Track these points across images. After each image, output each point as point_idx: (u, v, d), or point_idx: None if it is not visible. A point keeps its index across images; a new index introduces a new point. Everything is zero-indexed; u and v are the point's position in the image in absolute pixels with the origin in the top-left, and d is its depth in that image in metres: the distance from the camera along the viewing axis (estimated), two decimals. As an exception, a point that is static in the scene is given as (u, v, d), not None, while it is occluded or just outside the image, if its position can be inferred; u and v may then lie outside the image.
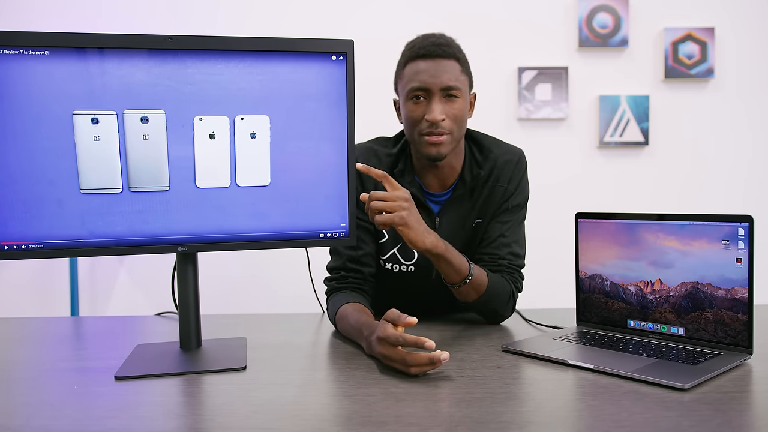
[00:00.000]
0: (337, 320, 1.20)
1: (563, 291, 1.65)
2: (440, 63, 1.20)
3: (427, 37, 1.24)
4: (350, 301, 1.20)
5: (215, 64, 1.00)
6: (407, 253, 1.32)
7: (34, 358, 1.07)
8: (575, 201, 2.79)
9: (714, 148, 2.85)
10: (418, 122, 1.22)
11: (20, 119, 0.94)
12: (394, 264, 1.33)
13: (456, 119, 1.21)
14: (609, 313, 1.16)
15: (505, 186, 1.32)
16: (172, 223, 1.02)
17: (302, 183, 1.07)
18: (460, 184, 1.31)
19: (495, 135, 1.39)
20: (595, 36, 2.77)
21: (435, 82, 1.19)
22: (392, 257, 1.32)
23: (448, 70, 1.20)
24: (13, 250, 0.97)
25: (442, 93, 1.20)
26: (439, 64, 1.20)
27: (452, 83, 1.20)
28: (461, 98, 1.22)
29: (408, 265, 1.32)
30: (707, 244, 1.02)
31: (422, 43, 1.22)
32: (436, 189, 1.32)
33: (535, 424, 0.74)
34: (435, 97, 1.20)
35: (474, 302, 1.22)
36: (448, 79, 1.20)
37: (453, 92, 1.20)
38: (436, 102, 1.20)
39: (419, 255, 1.31)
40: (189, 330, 1.08)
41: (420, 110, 1.21)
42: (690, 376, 0.87)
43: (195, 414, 0.79)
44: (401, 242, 1.31)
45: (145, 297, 2.83)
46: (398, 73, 1.28)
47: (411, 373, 0.92)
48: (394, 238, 1.31)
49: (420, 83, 1.20)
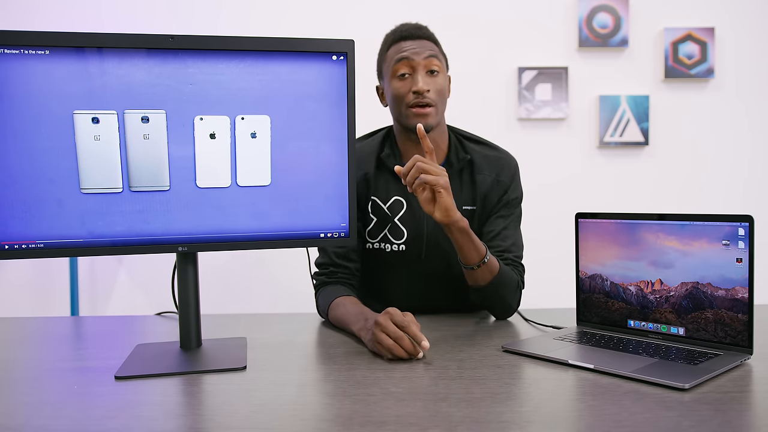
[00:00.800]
0: (331, 308, 1.25)
1: (563, 291, 1.65)
2: (420, 42, 1.31)
3: (404, 24, 1.36)
4: (345, 294, 1.27)
5: (216, 63, 1.00)
6: (397, 232, 1.36)
7: (34, 358, 1.07)
8: (575, 201, 2.79)
9: (714, 148, 2.85)
10: (404, 96, 1.30)
11: (20, 119, 0.94)
12: (386, 244, 1.37)
13: (438, 93, 1.30)
14: (609, 313, 1.16)
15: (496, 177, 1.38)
16: (172, 222, 1.02)
17: (302, 183, 1.07)
18: (446, 167, 1.36)
19: (495, 135, 1.41)
20: (595, 36, 2.77)
21: (418, 57, 1.29)
22: (383, 238, 1.38)
23: (428, 47, 1.31)
24: (13, 249, 0.97)
25: (425, 68, 1.29)
26: (420, 43, 1.31)
27: (433, 57, 1.30)
28: (442, 74, 1.32)
29: (399, 244, 1.37)
30: (707, 244, 1.02)
31: (401, 27, 1.35)
32: None
33: (535, 424, 0.74)
34: (419, 71, 1.29)
35: (486, 285, 1.23)
36: (430, 54, 1.30)
37: (434, 67, 1.30)
38: (420, 75, 1.29)
39: (408, 235, 1.36)
40: (189, 330, 1.08)
41: (406, 85, 1.30)
42: (690, 376, 0.87)
43: (195, 414, 0.79)
44: (390, 223, 1.37)
45: (145, 297, 2.83)
46: (381, 57, 1.37)
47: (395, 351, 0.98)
48: (384, 219, 1.37)
49: (405, 57, 1.29)
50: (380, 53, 1.38)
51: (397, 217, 1.36)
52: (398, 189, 1.37)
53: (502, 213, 1.36)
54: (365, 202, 1.38)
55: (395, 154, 1.38)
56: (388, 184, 1.38)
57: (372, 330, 1.03)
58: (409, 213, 1.36)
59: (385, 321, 1.01)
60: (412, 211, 1.36)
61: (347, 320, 1.18)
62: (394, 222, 1.36)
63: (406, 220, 1.36)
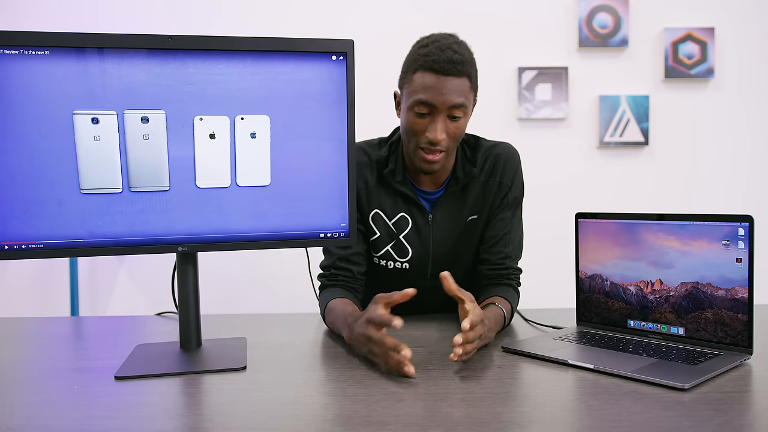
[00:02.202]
0: (325, 313, 1.23)
1: (563, 291, 1.65)
2: (451, 81, 1.15)
3: (442, 49, 1.16)
4: (338, 297, 1.23)
5: (215, 64, 1.00)
6: (402, 250, 1.33)
7: (34, 358, 1.07)
8: (575, 201, 2.79)
9: (714, 148, 2.85)
10: (417, 135, 1.21)
11: (20, 119, 0.94)
12: (389, 261, 1.34)
13: (455, 137, 1.21)
14: (609, 313, 1.16)
15: (499, 180, 1.33)
16: (172, 223, 1.02)
17: (302, 183, 1.07)
18: (452, 182, 1.32)
19: (495, 135, 1.40)
20: (595, 36, 2.77)
21: (443, 101, 1.16)
22: (386, 254, 1.34)
23: (458, 89, 1.16)
24: (13, 250, 0.97)
25: (447, 114, 1.18)
26: (450, 83, 1.15)
27: (459, 103, 1.17)
28: (464, 116, 1.20)
29: (402, 262, 1.34)
30: (707, 244, 1.02)
31: (438, 55, 1.15)
32: (428, 187, 1.33)
33: (535, 424, 0.74)
34: (440, 116, 1.17)
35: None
36: (457, 99, 1.16)
37: (459, 111, 1.18)
38: (439, 121, 1.17)
39: (413, 253, 1.33)
40: (189, 330, 1.08)
41: (422, 125, 1.19)
42: (690, 376, 0.87)
43: (195, 414, 0.79)
44: (395, 240, 1.33)
45: (145, 297, 2.83)
46: (406, 73, 1.22)
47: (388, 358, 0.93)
48: (388, 235, 1.33)
49: (427, 99, 1.16)
50: (406, 66, 1.22)
51: (402, 234, 1.32)
52: (403, 205, 1.32)
53: (504, 215, 1.33)
54: (367, 210, 1.32)
55: (399, 170, 1.31)
56: (394, 199, 1.32)
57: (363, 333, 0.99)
58: (414, 231, 1.32)
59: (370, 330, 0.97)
60: (417, 229, 1.32)
61: (335, 325, 1.17)
62: (399, 239, 1.32)
63: (411, 238, 1.32)
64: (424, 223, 1.31)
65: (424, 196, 1.33)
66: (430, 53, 1.16)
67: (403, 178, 1.31)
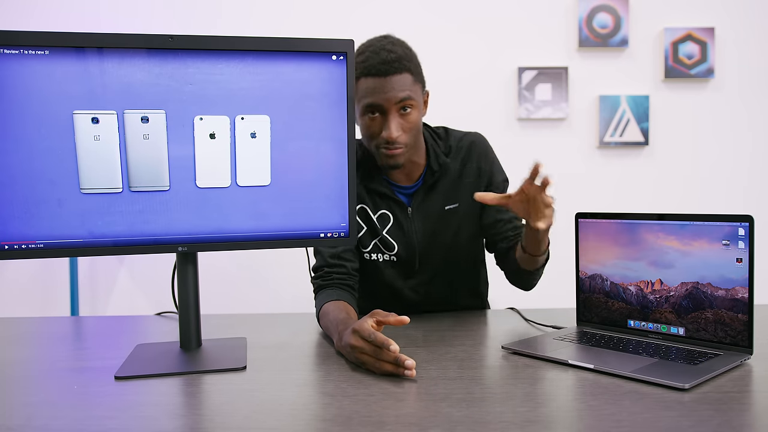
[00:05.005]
0: (319, 317, 1.23)
1: (563, 291, 1.65)
2: (391, 79, 1.20)
3: (377, 51, 1.21)
4: (333, 299, 1.22)
5: (216, 63, 1.00)
6: (387, 244, 1.36)
7: (34, 358, 1.07)
8: (575, 201, 2.78)
9: (714, 148, 2.85)
10: (374, 137, 1.25)
11: (20, 119, 0.94)
12: (377, 254, 1.37)
13: (411, 130, 1.25)
14: (609, 313, 1.16)
15: (476, 165, 1.36)
16: (172, 222, 1.02)
17: (302, 183, 1.07)
18: (428, 175, 1.35)
19: (495, 135, 1.40)
20: (595, 36, 2.77)
21: (388, 98, 1.20)
22: (374, 248, 1.37)
23: (400, 84, 1.20)
24: (13, 250, 0.97)
25: (397, 110, 1.22)
26: (390, 81, 1.20)
27: (403, 97, 1.21)
28: (415, 108, 1.24)
29: (390, 254, 1.36)
30: (707, 244, 1.02)
31: (373, 59, 1.20)
32: (404, 182, 1.36)
33: (535, 424, 0.74)
34: (390, 113, 1.21)
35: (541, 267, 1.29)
36: (401, 94, 1.20)
37: (406, 104, 1.22)
38: (391, 119, 1.21)
39: (399, 247, 1.35)
40: (189, 330, 1.08)
41: (376, 125, 1.24)
42: (690, 376, 0.87)
43: (195, 414, 0.79)
44: (380, 235, 1.35)
45: (145, 297, 2.83)
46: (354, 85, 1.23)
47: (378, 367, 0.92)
48: (372, 230, 1.36)
49: (373, 101, 1.21)
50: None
51: (385, 230, 1.35)
52: (382, 202, 1.35)
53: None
54: None
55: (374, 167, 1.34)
56: (373, 197, 1.35)
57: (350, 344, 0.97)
58: (396, 226, 1.35)
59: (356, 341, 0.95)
60: (399, 224, 1.35)
61: (328, 331, 1.16)
62: (383, 235, 1.35)
63: (395, 233, 1.35)
64: (404, 217, 1.35)
65: (401, 191, 1.36)
66: (367, 59, 1.21)
67: (378, 176, 1.35)
